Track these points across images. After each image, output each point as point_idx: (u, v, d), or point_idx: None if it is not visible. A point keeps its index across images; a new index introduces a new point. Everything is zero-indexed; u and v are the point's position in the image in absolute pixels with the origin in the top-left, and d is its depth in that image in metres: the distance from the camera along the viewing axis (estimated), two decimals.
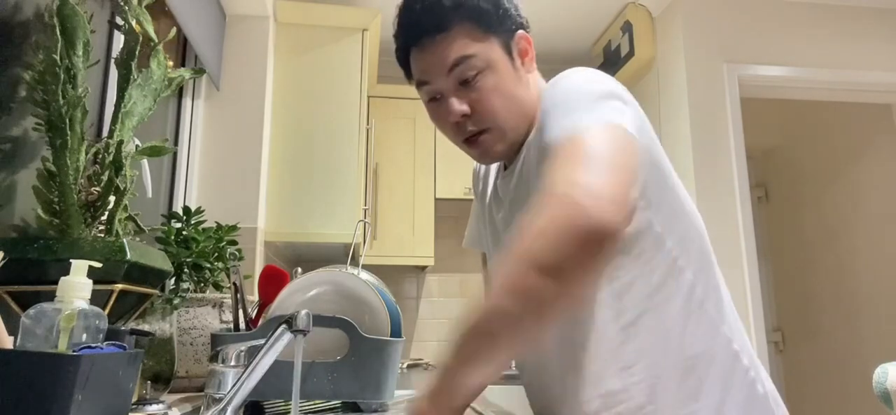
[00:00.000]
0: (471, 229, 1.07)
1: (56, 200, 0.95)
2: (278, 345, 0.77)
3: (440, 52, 0.81)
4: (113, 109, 1.08)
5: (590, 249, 0.60)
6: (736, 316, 0.83)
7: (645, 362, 0.75)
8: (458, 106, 0.81)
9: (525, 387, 0.94)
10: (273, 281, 1.33)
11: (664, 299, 0.76)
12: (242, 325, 1.19)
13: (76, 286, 0.69)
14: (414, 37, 0.84)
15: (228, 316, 1.36)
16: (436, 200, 3.08)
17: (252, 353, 0.99)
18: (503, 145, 0.84)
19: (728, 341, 0.79)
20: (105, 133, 1.16)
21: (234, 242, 1.50)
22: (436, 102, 0.85)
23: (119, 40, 1.18)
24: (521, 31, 0.85)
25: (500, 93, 0.81)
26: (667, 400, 0.75)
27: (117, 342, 0.73)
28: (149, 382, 1.10)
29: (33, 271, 0.87)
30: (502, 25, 0.83)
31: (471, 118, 0.82)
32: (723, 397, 0.76)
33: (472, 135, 0.83)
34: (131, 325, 1.09)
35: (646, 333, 0.76)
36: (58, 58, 0.93)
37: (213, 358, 1.02)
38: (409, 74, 0.88)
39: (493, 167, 0.98)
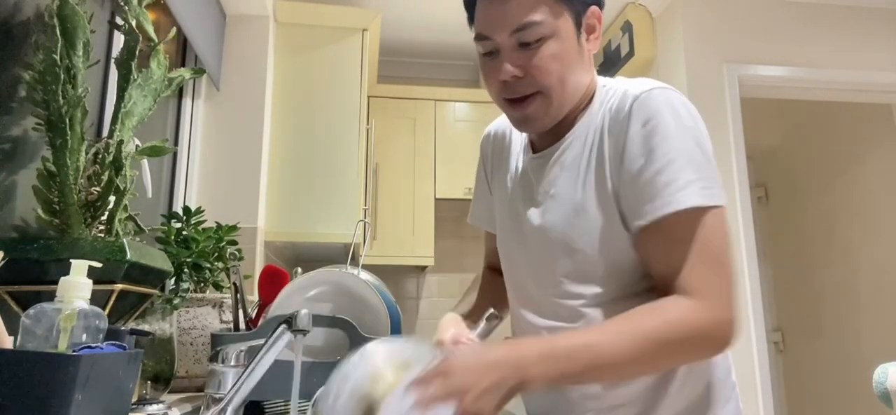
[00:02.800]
0: (477, 206, 1.05)
1: (56, 200, 0.95)
2: (278, 345, 0.77)
3: (511, 10, 0.77)
4: (113, 109, 1.08)
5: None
6: None
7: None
8: (512, 68, 0.78)
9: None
10: (273, 281, 1.33)
11: None
12: (242, 325, 1.19)
13: (76, 286, 0.69)
14: None
15: (228, 316, 1.36)
16: (436, 200, 3.08)
17: (252, 353, 0.99)
18: (547, 116, 0.81)
19: (723, 355, 0.82)
20: (105, 133, 1.16)
21: (234, 242, 1.50)
22: (490, 57, 0.82)
23: (119, 40, 1.18)
24: (594, 7, 0.83)
25: (559, 63, 0.78)
26: (660, 405, 0.76)
27: (117, 342, 0.73)
28: (149, 382, 1.10)
29: (33, 271, 0.87)
30: None
31: (522, 80, 0.79)
32: (717, 408, 0.79)
33: (520, 97, 0.80)
34: (131, 325, 1.09)
35: None
36: (58, 58, 0.93)
37: (213, 358, 1.02)
38: (471, 19, 0.84)
39: (516, 145, 0.95)
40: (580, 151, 0.81)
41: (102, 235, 1.01)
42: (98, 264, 0.74)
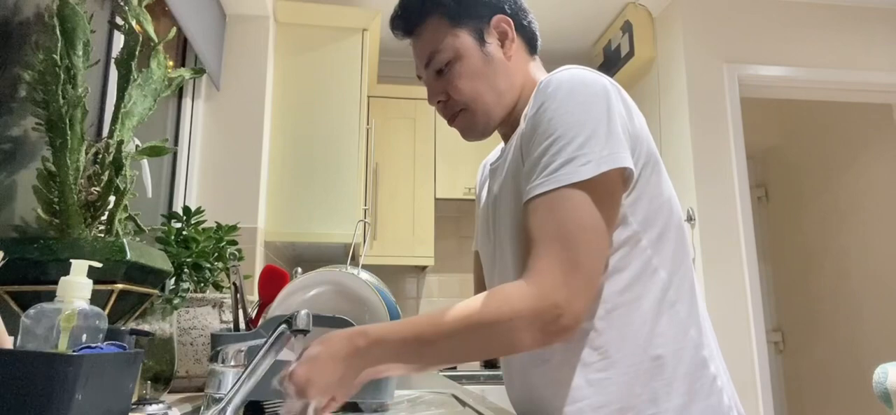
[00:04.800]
0: (476, 231, 1.08)
1: (56, 200, 0.95)
2: (278, 345, 0.77)
3: (419, 47, 0.91)
4: (113, 109, 1.08)
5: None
6: (708, 324, 0.83)
7: (609, 359, 0.75)
8: (434, 94, 0.90)
9: (505, 383, 0.95)
10: (273, 281, 1.33)
11: (635, 297, 0.76)
12: (242, 325, 1.19)
13: (76, 286, 0.69)
14: (403, 32, 0.93)
15: (228, 316, 1.36)
16: (436, 200, 3.08)
17: (252, 353, 0.99)
18: (477, 124, 0.89)
19: (697, 346, 0.78)
20: (105, 133, 1.16)
21: (234, 242, 1.50)
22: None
23: (119, 40, 1.18)
24: (499, 15, 0.89)
25: (467, 79, 0.87)
26: (629, 400, 0.74)
27: (117, 342, 0.73)
28: (149, 382, 1.10)
29: (33, 271, 0.87)
30: (472, 14, 0.88)
31: (447, 103, 0.90)
32: (687, 402, 0.75)
33: (452, 116, 0.91)
34: (131, 325, 1.09)
35: (612, 330, 0.75)
36: (58, 58, 0.93)
37: (213, 358, 1.02)
38: None
39: (491, 162, 1.01)
40: (514, 145, 0.85)
41: (102, 235, 1.01)
42: (98, 264, 0.74)
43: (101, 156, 1.03)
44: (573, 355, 0.76)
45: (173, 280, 1.38)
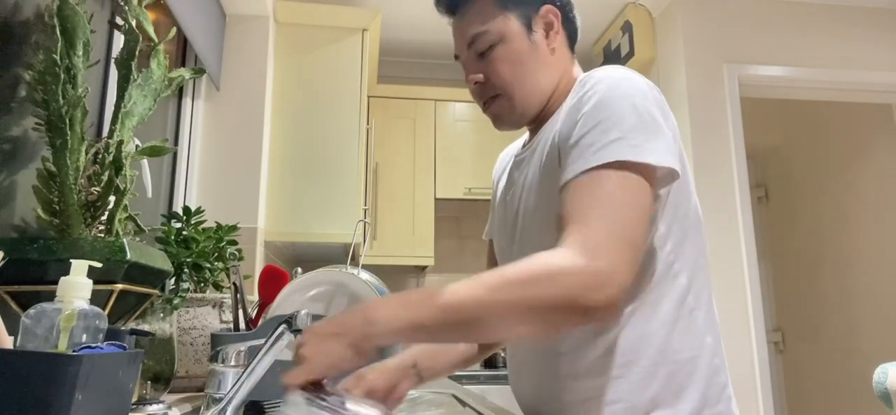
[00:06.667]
0: (490, 222, 1.07)
1: (56, 200, 0.95)
2: (278, 345, 0.77)
3: (463, 27, 0.88)
4: (113, 109, 1.08)
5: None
6: (719, 332, 0.83)
7: (624, 358, 0.75)
8: (473, 75, 0.88)
9: (510, 380, 0.94)
10: (273, 281, 1.33)
11: (655, 300, 0.76)
12: (242, 325, 1.19)
13: (76, 286, 0.69)
14: (447, 10, 0.91)
15: (228, 316, 1.36)
16: (436, 200, 3.08)
17: (252, 353, 0.99)
18: (514, 112, 0.87)
19: (712, 353, 0.79)
20: (105, 133, 1.16)
21: (234, 242, 1.50)
22: (463, 70, 0.91)
23: (119, 40, 1.18)
24: (547, 6, 0.87)
25: (510, 63, 0.85)
26: (642, 401, 0.74)
27: (117, 342, 0.73)
28: (149, 382, 1.10)
29: (33, 271, 0.87)
30: (521, 0, 0.86)
31: (485, 85, 0.87)
32: (698, 408, 0.75)
33: (488, 101, 0.89)
34: (131, 325, 1.09)
35: (630, 329, 0.75)
36: (58, 58, 0.93)
37: (213, 358, 1.02)
38: None
39: (514, 153, 1.00)
40: (547, 138, 0.83)
41: (102, 235, 1.01)
42: (98, 264, 0.74)
43: (101, 156, 1.03)
44: (588, 351, 0.76)
45: (173, 280, 1.38)
